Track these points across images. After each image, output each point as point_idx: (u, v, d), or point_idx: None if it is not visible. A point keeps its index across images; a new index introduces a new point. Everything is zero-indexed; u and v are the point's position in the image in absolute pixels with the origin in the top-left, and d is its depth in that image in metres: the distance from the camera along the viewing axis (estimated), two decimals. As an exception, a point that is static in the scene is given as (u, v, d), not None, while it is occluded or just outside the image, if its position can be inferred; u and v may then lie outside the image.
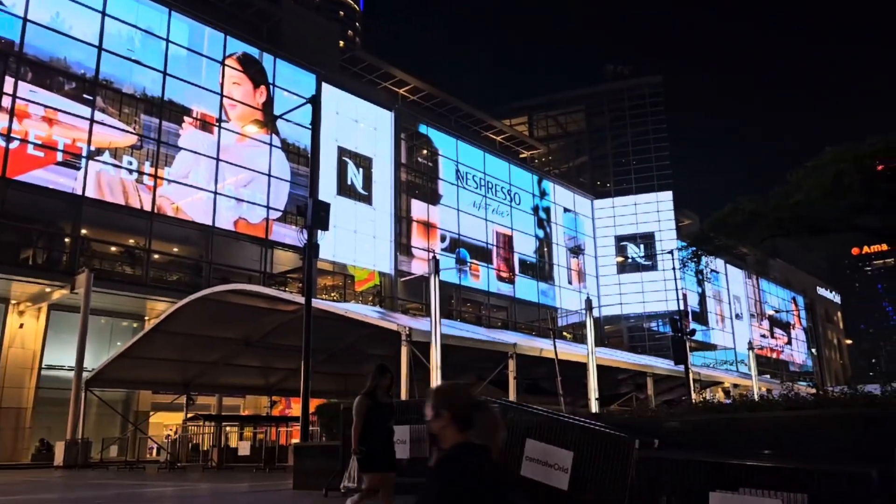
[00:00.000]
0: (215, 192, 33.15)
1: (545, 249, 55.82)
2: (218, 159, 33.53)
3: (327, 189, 35.51)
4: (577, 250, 58.87)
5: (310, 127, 15.26)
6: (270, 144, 35.67)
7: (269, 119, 31.80)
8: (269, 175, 35.46)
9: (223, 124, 34.07)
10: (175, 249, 33.55)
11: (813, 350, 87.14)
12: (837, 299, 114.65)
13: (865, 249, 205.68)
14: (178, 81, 32.82)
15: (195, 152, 32.79)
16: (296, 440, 22.81)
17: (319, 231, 14.89)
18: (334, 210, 22.83)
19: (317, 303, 22.60)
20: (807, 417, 7.85)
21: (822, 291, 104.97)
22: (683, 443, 8.40)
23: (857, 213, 12.08)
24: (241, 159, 34.55)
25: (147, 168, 30.96)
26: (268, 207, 35.07)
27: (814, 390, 8.97)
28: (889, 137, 11.04)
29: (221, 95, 34.43)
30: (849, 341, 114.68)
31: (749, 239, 14.01)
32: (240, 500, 10.74)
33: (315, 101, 15.29)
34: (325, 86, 38.74)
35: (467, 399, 2.61)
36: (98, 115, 29.60)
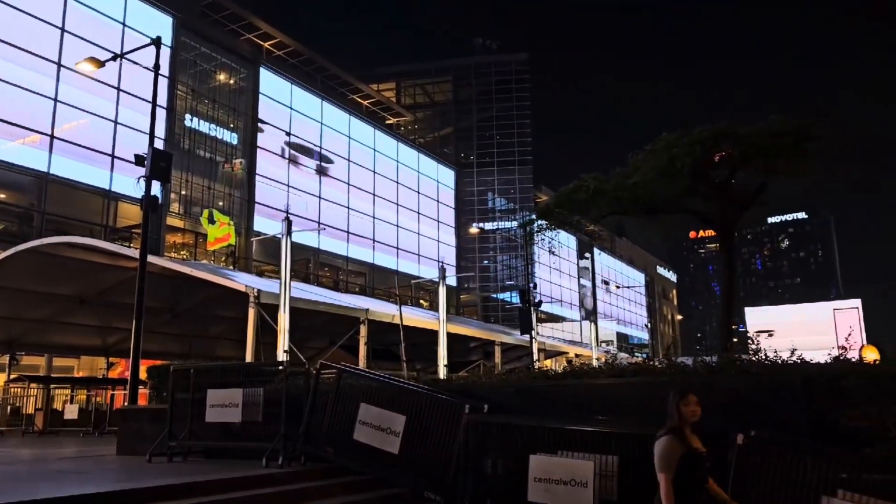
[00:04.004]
0: (52, 136, 30.48)
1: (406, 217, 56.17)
2: (56, 100, 30.79)
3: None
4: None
5: (152, 69, 14.23)
6: (119, 89, 33.19)
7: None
8: (116, 122, 33.07)
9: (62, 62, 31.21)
10: (1, 196, 30.60)
11: (648, 324, 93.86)
12: (674, 278, 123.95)
13: (701, 234, 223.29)
14: (6, 8, 29.66)
15: (29, 90, 29.90)
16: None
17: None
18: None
19: (160, 260, 21.52)
20: (626, 384, 8.38)
21: (661, 270, 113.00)
22: (516, 408, 8.72)
23: (686, 196, 13.02)
24: (85, 103, 31.95)
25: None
26: (112, 157, 32.70)
27: (635, 359, 9.59)
28: (716, 127, 11.95)
29: (63, 31, 31.51)
30: (680, 317, 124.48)
31: (591, 215, 14.75)
32: (53, 467, 10.04)
33: (158, 43, 14.27)
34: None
35: None
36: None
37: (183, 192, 38.10)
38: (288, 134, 44.57)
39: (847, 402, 6.64)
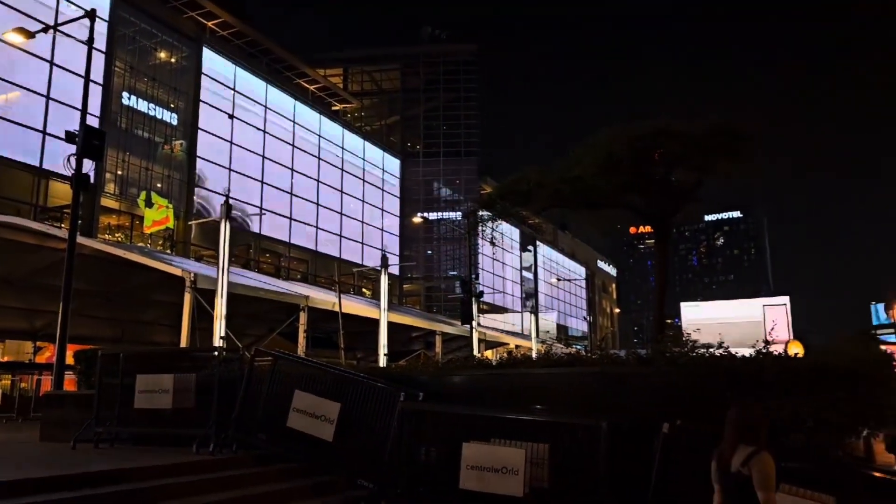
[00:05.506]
0: (-22, 110, 29.15)
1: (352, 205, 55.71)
2: (-14, 73, 29.47)
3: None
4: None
5: (86, 44, 13.74)
6: (52, 63, 31.88)
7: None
8: (48, 97, 31.78)
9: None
10: (-78, 171, 29.17)
11: (588, 317, 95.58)
12: (614, 272, 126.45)
13: (641, 229, 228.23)
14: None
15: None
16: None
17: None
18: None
19: (92, 242, 20.91)
20: (561, 374, 8.54)
21: (601, 264, 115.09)
22: (455, 396, 8.78)
23: (625, 191, 13.25)
24: (15, 76, 30.60)
25: None
26: (44, 133, 31.43)
27: (570, 350, 9.78)
28: (656, 123, 12.21)
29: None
30: (618, 310, 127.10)
31: (532, 206, 14.92)
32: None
33: (93, 15, 13.78)
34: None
35: None
36: None
37: (119, 173, 36.89)
38: (231, 116, 43.56)
39: (768, 394, 6.90)
